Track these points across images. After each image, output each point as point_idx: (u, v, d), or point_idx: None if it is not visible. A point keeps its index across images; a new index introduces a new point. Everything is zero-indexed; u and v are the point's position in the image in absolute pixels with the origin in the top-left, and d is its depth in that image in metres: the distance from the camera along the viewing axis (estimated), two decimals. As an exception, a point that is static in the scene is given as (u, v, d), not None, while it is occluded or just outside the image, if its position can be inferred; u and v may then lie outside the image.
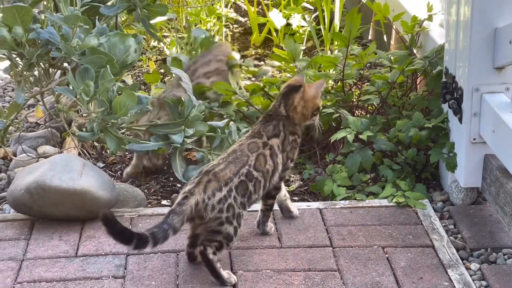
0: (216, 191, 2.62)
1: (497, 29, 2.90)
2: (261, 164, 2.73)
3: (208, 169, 2.68)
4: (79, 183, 2.96)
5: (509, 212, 2.78)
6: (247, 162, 2.71)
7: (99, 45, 3.14)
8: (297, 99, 2.80)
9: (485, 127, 2.97)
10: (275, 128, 2.80)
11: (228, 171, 2.67)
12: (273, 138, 2.78)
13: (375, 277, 2.68)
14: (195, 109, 3.19)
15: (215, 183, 2.64)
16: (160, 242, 2.53)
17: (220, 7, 4.95)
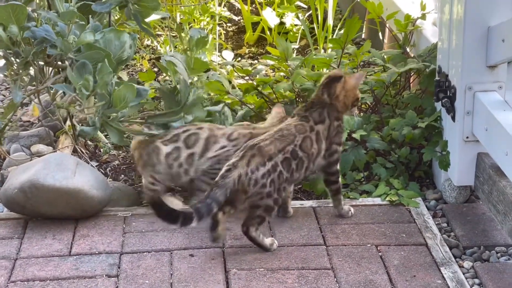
0: (260, 166, 2.72)
1: (490, 28, 2.91)
2: (307, 146, 2.84)
3: (253, 143, 2.77)
4: (72, 182, 2.96)
5: (502, 210, 2.79)
6: (294, 141, 2.81)
7: (95, 41, 3.14)
8: (339, 89, 2.91)
9: (478, 125, 2.98)
10: (321, 115, 2.90)
11: (273, 147, 2.77)
12: (319, 124, 2.89)
13: (368, 276, 2.69)
14: (192, 94, 3.19)
15: (259, 157, 2.73)
16: (205, 216, 2.64)
17: (214, 6, 4.94)
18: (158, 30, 4.92)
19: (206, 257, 2.80)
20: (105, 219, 3.04)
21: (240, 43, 4.98)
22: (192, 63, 3.61)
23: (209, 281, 2.66)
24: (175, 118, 3.14)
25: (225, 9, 5.22)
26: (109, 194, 3.09)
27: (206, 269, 2.73)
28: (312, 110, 2.91)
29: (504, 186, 2.77)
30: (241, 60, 4.69)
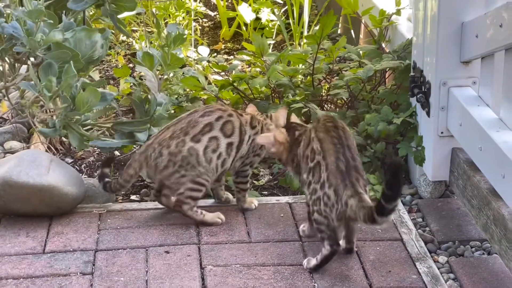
0: (365, 187, 2.65)
1: (463, 23, 2.92)
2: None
3: (340, 159, 2.62)
4: (46, 179, 2.94)
5: (476, 205, 2.81)
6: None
7: (65, 40, 3.11)
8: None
9: (453, 120, 2.99)
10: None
11: (356, 156, 2.68)
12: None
13: (344, 271, 2.69)
14: (161, 108, 3.18)
15: (362, 180, 2.63)
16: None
17: (189, 1, 4.93)
18: (133, 25, 4.90)
19: (182, 253, 2.79)
20: (80, 216, 3.02)
21: (216, 39, 4.96)
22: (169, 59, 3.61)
23: (184, 278, 2.65)
24: (141, 128, 3.13)
25: (200, 4, 5.21)
26: (83, 191, 3.07)
27: (181, 266, 2.72)
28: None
29: (478, 181, 2.79)
30: (217, 56, 4.67)
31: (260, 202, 3.12)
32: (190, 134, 2.90)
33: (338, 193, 2.59)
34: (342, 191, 2.57)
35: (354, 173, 2.61)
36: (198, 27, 4.99)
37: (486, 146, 2.70)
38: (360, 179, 2.61)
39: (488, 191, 2.71)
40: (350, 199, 2.55)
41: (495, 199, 2.65)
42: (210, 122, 2.91)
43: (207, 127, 2.91)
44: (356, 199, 2.54)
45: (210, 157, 2.90)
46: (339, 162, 2.62)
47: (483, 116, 2.79)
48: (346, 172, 2.60)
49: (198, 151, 2.89)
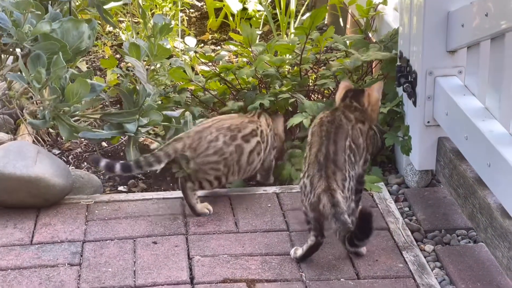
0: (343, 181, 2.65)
1: (449, 13, 2.93)
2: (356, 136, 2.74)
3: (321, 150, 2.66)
4: (33, 170, 2.93)
5: (462, 194, 2.82)
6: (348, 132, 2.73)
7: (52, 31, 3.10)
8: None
9: (439, 110, 3.00)
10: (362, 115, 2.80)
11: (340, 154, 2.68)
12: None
13: (331, 261, 2.70)
14: (150, 98, 3.18)
15: (340, 174, 2.63)
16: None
17: (176, -8, 4.91)
18: (120, 16, 4.88)
19: (170, 244, 2.79)
20: (67, 207, 3.02)
21: (203, 29, 4.96)
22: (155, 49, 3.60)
23: (172, 268, 2.65)
24: (130, 119, 3.13)
25: (187, -6, 5.19)
26: (71, 182, 3.07)
27: (169, 256, 2.72)
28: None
29: (464, 170, 2.80)
30: (204, 46, 4.67)
31: (248, 193, 3.13)
32: (241, 133, 3.01)
33: (313, 183, 2.62)
34: (316, 182, 2.61)
35: (332, 166, 2.63)
36: (185, 17, 4.98)
37: (472, 135, 2.71)
38: (337, 173, 2.63)
39: (474, 180, 2.73)
40: (322, 194, 2.59)
41: (481, 188, 2.67)
42: (254, 129, 3.05)
43: (253, 132, 3.04)
44: (328, 196, 2.58)
45: (254, 158, 3.03)
46: (319, 153, 2.66)
47: (469, 105, 2.80)
48: (324, 163, 2.63)
49: (244, 150, 2.99)
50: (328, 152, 2.66)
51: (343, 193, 2.61)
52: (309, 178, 2.64)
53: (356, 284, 2.58)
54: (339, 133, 2.70)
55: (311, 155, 2.68)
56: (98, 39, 4.63)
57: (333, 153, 2.66)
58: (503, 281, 2.58)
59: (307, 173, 2.66)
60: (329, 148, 2.67)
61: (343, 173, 2.64)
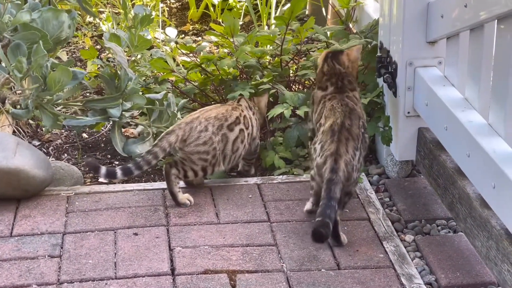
0: (355, 150, 2.74)
1: (429, 4, 2.93)
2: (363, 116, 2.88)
3: (340, 124, 2.75)
4: (13, 162, 2.92)
5: (442, 184, 2.84)
6: (360, 114, 2.84)
7: (32, 21, 3.09)
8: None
9: (419, 100, 3.01)
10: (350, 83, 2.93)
11: (355, 127, 2.77)
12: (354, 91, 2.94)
13: (312, 251, 2.71)
14: (132, 82, 3.17)
15: (352, 142, 2.73)
16: (334, 219, 2.61)
17: (157, -18, 4.89)
18: (100, 6, 4.86)
19: (150, 235, 2.79)
20: (47, 199, 3.00)
21: (184, 20, 4.94)
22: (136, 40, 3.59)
23: (153, 260, 2.65)
24: (113, 104, 3.12)
25: (168, -15, 5.18)
26: (51, 174, 3.06)
27: (150, 248, 2.72)
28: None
29: (444, 160, 2.82)
30: (185, 37, 4.66)
31: (229, 184, 3.13)
32: (228, 121, 3.03)
33: (323, 147, 2.73)
34: (328, 146, 2.72)
35: (346, 133, 2.74)
36: (165, 8, 4.97)
37: (452, 126, 2.72)
38: (350, 140, 2.73)
39: (453, 170, 2.74)
40: (329, 157, 2.69)
41: (461, 178, 2.69)
42: (237, 116, 3.07)
43: (237, 119, 3.06)
44: (331, 160, 2.68)
45: (238, 146, 3.04)
46: (333, 124, 2.77)
47: (448, 95, 2.81)
48: (338, 131, 2.74)
49: (229, 139, 3.01)
50: (343, 123, 2.76)
51: (353, 161, 2.71)
52: (320, 144, 2.75)
53: (336, 274, 2.59)
54: (353, 115, 2.82)
55: (326, 126, 2.77)
56: (78, 29, 4.60)
57: (348, 124, 2.77)
58: (482, 270, 2.60)
59: (319, 140, 2.77)
60: (345, 121, 2.77)
61: (355, 142, 2.74)
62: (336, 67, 2.94)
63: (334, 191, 2.63)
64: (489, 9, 2.50)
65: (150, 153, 2.89)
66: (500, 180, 2.38)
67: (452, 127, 2.72)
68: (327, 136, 2.76)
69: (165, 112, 3.23)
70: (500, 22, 2.46)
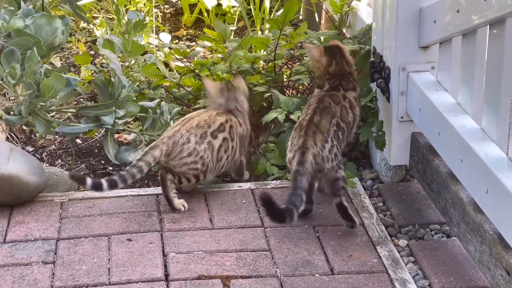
0: (324, 143, 2.78)
1: (422, 9, 2.94)
2: (344, 115, 2.91)
3: (308, 120, 2.81)
4: (6, 168, 2.91)
5: (436, 189, 2.84)
6: (336, 113, 2.88)
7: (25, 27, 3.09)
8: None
9: (412, 105, 3.02)
10: (348, 83, 2.98)
11: (325, 122, 2.82)
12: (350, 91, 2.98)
13: (306, 256, 2.71)
14: (125, 90, 3.17)
15: (320, 134, 2.79)
16: (301, 208, 2.65)
17: (150, -13, 4.90)
18: (94, 12, 4.86)
19: (144, 241, 2.79)
20: (41, 205, 3.00)
21: (178, 25, 4.95)
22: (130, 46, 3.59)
23: (147, 265, 2.65)
24: (107, 111, 3.11)
25: (162, -10, 5.18)
26: (45, 180, 3.05)
27: (144, 253, 2.72)
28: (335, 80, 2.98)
29: (437, 165, 2.82)
30: (178, 42, 4.66)
31: (222, 189, 3.13)
32: (211, 128, 3.00)
33: (293, 142, 2.81)
34: (296, 141, 2.79)
35: (313, 127, 2.80)
36: (159, 13, 4.97)
37: (445, 131, 2.73)
38: (318, 133, 2.79)
39: (447, 175, 2.75)
40: (296, 151, 2.76)
41: (454, 183, 2.69)
42: (222, 123, 3.03)
43: (221, 126, 3.02)
44: (299, 153, 2.74)
45: (222, 156, 3.02)
46: (302, 120, 2.84)
47: (441, 100, 2.82)
48: (306, 126, 2.81)
49: (214, 147, 2.99)
50: (312, 119, 2.82)
51: (322, 152, 2.76)
52: (291, 140, 2.83)
53: (330, 280, 2.60)
54: (325, 111, 2.86)
55: (302, 120, 2.85)
56: (72, 35, 4.60)
57: (316, 120, 2.82)
58: (475, 275, 2.61)
59: (291, 136, 2.85)
60: (314, 116, 2.83)
61: (324, 136, 2.79)
62: (345, 68, 2.99)
63: (300, 180, 2.68)
64: (481, 14, 2.51)
65: (135, 167, 2.87)
66: (493, 184, 2.39)
67: (445, 132, 2.72)
68: (296, 131, 2.84)
69: (158, 120, 3.23)
70: (493, 27, 2.47)
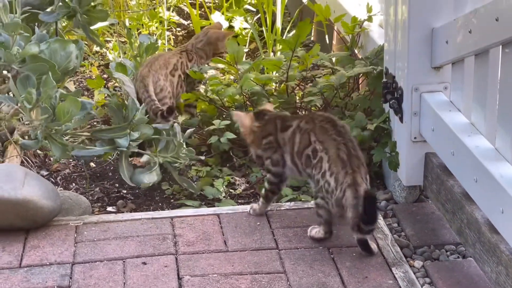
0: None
1: (434, 29, 2.95)
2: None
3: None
4: (21, 193, 2.93)
5: (450, 209, 2.83)
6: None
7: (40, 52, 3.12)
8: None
9: (425, 126, 3.02)
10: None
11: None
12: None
13: (321, 278, 2.71)
14: (139, 112, 3.18)
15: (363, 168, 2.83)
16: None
17: (162, 11, 4.93)
18: (106, 36, 4.89)
19: (159, 264, 2.79)
20: (56, 229, 3.01)
21: (190, 48, 4.96)
22: (142, 69, 3.61)
23: (162, 289, 2.65)
24: (121, 134, 3.13)
25: (174, 13, 5.21)
26: (59, 204, 3.06)
27: (159, 277, 2.72)
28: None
29: (452, 185, 2.82)
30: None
31: (237, 211, 3.13)
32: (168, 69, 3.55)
33: (338, 179, 2.77)
34: (343, 178, 2.76)
35: (356, 161, 2.79)
36: (171, 36, 5.00)
37: (459, 151, 2.73)
38: (361, 167, 2.79)
39: (461, 195, 2.74)
40: (347, 189, 2.74)
41: (469, 203, 2.68)
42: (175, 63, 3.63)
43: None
44: (352, 190, 2.73)
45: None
46: (339, 152, 2.80)
47: (454, 121, 2.82)
48: (348, 159, 2.78)
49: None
50: (349, 150, 2.81)
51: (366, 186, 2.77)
52: (333, 176, 2.78)
53: (346, 302, 2.59)
54: (348, 132, 2.89)
55: (332, 154, 2.80)
56: (85, 59, 4.63)
57: (352, 149, 2.82)
58: (492, 296, 2.59)
59: (330, 171, 2.79)
60: (348, 145, 2.83)
61: (365, 167, 2.82)
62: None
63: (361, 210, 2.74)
64: (493, 35, 2.51)
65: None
66: (508, 205, 2.38)
67: (459, 152, 2.72)
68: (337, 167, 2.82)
69: (171, 142, 3.24)
70: (505, 47, 2.47)
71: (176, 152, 3.26)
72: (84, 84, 4.43)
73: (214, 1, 5.35)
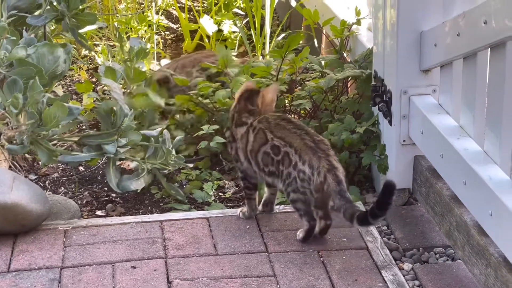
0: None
1: (422, 33, 2.96)
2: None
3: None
4: (9, 197, 2.92)
5: (439, 212, 2.84)
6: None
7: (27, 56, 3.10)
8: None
9: (414, 129, 3.03)
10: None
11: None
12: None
13: (311, 281, 2.70)
14: (127, 119, 3.18)
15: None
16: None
17: (151, 14, 4.93)
18: (95, 39, 4.88)
19: (149, 268, 2.78)
20: (44, 234, 3.00)
21: (179, 51, 4.97)
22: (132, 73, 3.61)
23: (151, 293, 2.64)
24: (109, 140, 3.12)
25: (162, 17, 5.21)
26: (48, 208, 3.05)
27: (148, 281, 2.71)
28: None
29: (441, 188, 2.82)
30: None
31: (226, 214, 3.13)
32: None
33: (313, 165, 2.79)
34: (318, 163, 2.78)
35: (323, 145, 2.84)
36: (160, 40, 5.00)
37: (447, 154, 2.73)
38: (330, 150, 2.84)
39: (450, 198, 2.75)
40: (328, 174, 2.77)
41: (458, 206, 2.69)
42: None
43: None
44: (332, 175, 2.77)
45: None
46: (305, 141, 2.84)
47: (443, 123, 2.83)
48: (315, 146, 2.83)
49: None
50: (312, 137, 2.86)
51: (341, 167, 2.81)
52: (306, 163, 2.79)
53: (335, 305, 2.59)
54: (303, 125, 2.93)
55: (298, 145, 2.83)
56: (73, 63, 4.62)
57: (315, 136, 2.87)
58: (481, 298, 2.60)
59: (302, 160, 2.80)
60: (310, 134, 2.87)
61: (332, 150, 2.85)
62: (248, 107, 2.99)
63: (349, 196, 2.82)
64: (482, 38, 2.52)
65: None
66: (497, 207, 2.39)
67: (448, 155, 2.73)
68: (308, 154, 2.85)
69: (160, 148, 3.23)
70: (493, 50, 2.48)
71: (165, 158, 3.25)
72: (73, 88, 4.42)
73: (203, 4, 5.35)
